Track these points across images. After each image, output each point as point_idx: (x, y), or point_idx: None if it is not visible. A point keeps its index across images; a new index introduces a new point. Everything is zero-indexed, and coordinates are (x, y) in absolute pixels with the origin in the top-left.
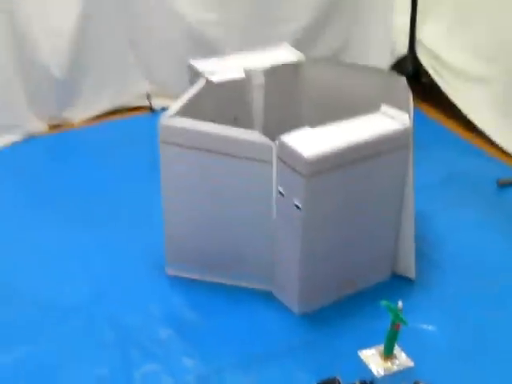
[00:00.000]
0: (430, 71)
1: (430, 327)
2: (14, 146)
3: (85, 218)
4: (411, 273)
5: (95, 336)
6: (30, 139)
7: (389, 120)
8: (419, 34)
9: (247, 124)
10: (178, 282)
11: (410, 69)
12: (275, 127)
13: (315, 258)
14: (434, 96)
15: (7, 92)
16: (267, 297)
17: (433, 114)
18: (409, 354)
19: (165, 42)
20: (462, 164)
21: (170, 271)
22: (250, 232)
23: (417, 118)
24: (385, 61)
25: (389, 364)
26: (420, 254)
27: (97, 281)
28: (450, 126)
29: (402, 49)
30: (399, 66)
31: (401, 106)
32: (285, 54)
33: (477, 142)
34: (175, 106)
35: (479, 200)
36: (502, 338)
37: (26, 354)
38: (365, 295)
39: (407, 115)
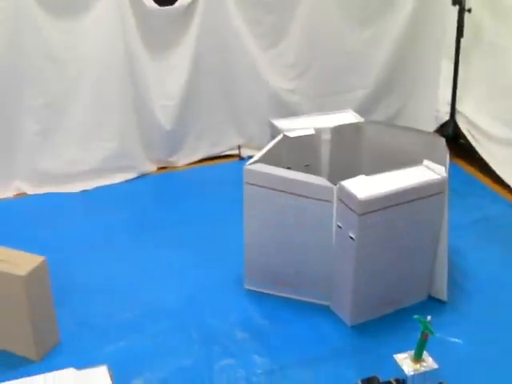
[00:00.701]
0: (467, 135)
1: (456, 340)
2: (130, 181)
3: (181, 241)
4: (443, 295)
5: (184, 335)
6: (142, 177)
7: (429, 171)
8: (459, 106)
9: (316, 171)
10: (254, 295)
11: (451, 132)
12: (338, 174)
13: (365, 281)
14: (470, 155)
15: (128, 141)
16: (325, 310)
17: (468, 169)
18: (437, 360)
19: (253, 104)
20: (490, 209)
21: (248, 286)
22: (313, 257)
23: (455, 172)
24: (430, 125)
25: (418, 366)
26: (452, 282)
27: (189, 291)
28: (482, 179)
29: (445, 116)
30: (442, 130)
31: (440, 161)
32: (348, 117)
33: (503, 192)
34: (258, 155)
35: (503, 239)
36: None
37: (128, 344)
38: (404, 312)
39: (444, 168)
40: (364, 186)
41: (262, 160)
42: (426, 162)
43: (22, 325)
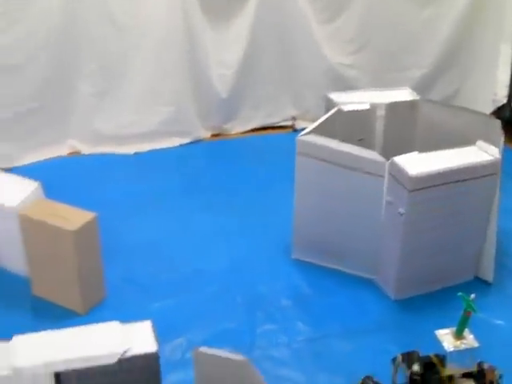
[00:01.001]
0: None
1: (500, 322)
2: (183, 146)
3: (232, 207)
4: (489, 277)
5: (229, 298)
6: (196, 143)
7: (482, 152)
8: None
9: (369, 146)
10: (300, 264)
11: (507, 116)
12: (391, 150)
13: (412, 257)
14: None
15: (184, 107)
16: (370, 283)
17: None
18: (479, 340)
19: (310, 77)
20: None
21: (295, 255)
22: (361, 230)
23: (510, 156)
24: (487, 108)
25: (458, 343)
26: (499, 264)
27: (236, 256)
28: None
29: (502, 99)
30: (498, 113)
31: (494, 143)
32: (404, 95)
33: None
34: (311, 126)
35: None
36: None
37: (172, 304)
38: (449, 290)
39: (498, 150)
40: (416, 163)
41: (315, 131)
42: (479, 142)
43: (70, 278)
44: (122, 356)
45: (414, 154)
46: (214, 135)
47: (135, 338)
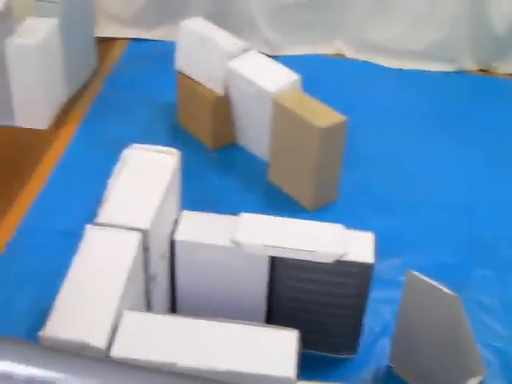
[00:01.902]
0: None
1: None
2: (445, 74)
3: (478, 143)
4: None
5: (454, 233)
6: (460, 73)
7: None
8: None
9: None
10: None
11: None
12: None
13: None
14: None
15: (457, 34)
16: None
17: None
18: None
19: None
20: None
21: None
22: None
23: None
24: None
25: None
26: None
27: (471, 193)
28: None
29: None
30: None
31: None
32: None
33: None
34: None
35: None
36: None
37: (398, 223)
38: None
39: None
40: None
41: None
42: None
43: (308, 174)
44: (339, 258)
45: None
46: (480, 70)
47: (355, 246)
